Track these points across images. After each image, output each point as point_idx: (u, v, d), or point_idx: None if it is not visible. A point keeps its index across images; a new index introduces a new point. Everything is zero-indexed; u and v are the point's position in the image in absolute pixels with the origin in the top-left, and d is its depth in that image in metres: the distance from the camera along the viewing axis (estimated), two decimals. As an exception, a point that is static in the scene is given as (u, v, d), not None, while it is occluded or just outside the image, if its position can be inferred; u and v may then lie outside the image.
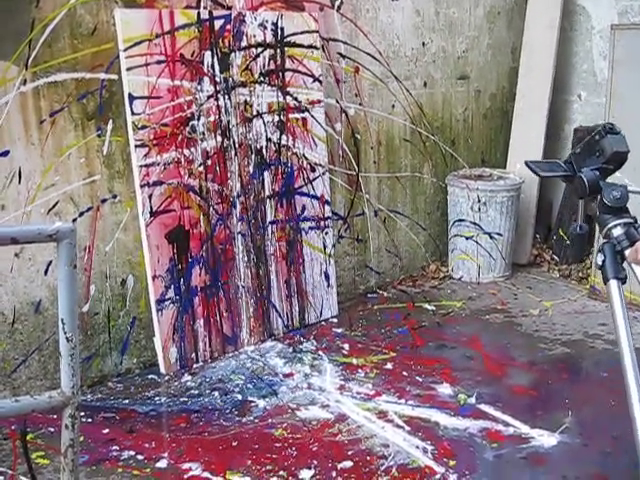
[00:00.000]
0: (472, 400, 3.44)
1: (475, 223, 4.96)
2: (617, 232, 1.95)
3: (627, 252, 1.94)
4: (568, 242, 5.19)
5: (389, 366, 3.80)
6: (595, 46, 5.26)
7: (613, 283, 1.94)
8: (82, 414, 3.19)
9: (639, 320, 4.31)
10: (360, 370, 3.75)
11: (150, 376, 3.70)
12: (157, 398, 3.48)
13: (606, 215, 1.96)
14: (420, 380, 3.64)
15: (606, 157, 1.97)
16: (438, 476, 2.86)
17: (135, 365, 3.75)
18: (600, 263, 1.99)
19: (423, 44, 4.88)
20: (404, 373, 3.72)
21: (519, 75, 5.43)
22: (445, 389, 3.55)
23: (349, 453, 3.01)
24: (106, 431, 3.18)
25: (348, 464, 2.94)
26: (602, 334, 4.17)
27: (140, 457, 2.98)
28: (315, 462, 2.95)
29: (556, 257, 5.33)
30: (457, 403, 3.42)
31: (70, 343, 1.67)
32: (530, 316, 4.46)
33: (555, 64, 5.24)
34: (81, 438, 2.93)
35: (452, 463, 2.94)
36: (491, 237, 4.97)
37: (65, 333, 1.66)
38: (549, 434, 3.15)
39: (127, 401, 3.45)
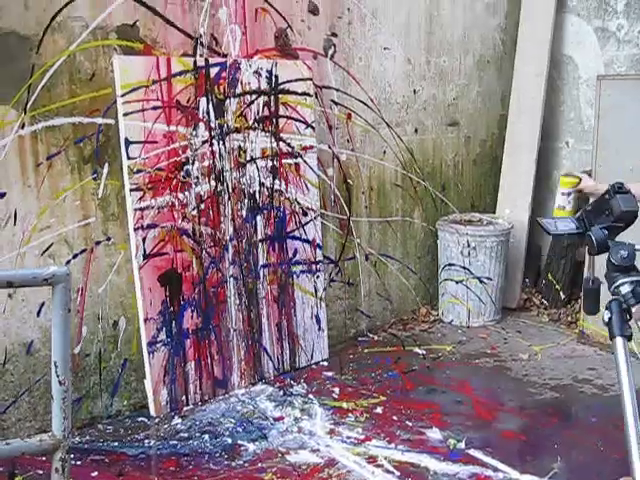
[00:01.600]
0: (462, 445, 3.44)
1: (465, 267, 5.01)
2: (624, 290, 1.99)
3: (634, 309, 1.98)
4: (557, 287, 5.24)
5: (379, 410, 3.80)
6: (582, 95, 5.38)
7: (619, 340, 1.97)
8: (71, 456, 3.18)
9: None
10: (350, 414, 3.76)
11: (140, 418, 3.69)
12: (147, 441, 3.48)
13: (614, 273, 2.01)
14: (410, 424, 3.65)
15: (615, 216, 2.03)
16: (427, 522, 2.85)
17: (125, 407, 3.75)
18: (607, 320, 2.03)
19: (414, 91, 4.98)
20: (394, 417, 3.73)
21: (508, 122, 5.54)
22: (435, 434, 3.56)
23: (339, 498, 3.01)
24: (95, 474, 3.16)
25: (338, 509, 2.94)
26: (591, 379, 4.20)
27: (129, 501, 2.97)
28: (304, 507, 2.95)
29: (545, 301, 5.37)
30: (447, 448, 3.43)
31: (62, 386, 1.70)
32: (520, 360, 4.48)
33: (543, 112, 5.35)
34: (70, 481, 2.92)
35: (441, 509, 2.94)
36: (481, 281, 5.01)
37: (58, 376, 1.69)
38: (538, 479, 3.15)
39: (116, 443, 3.44)
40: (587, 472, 3.21)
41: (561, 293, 5.27)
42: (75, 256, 3.47)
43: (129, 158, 3.51)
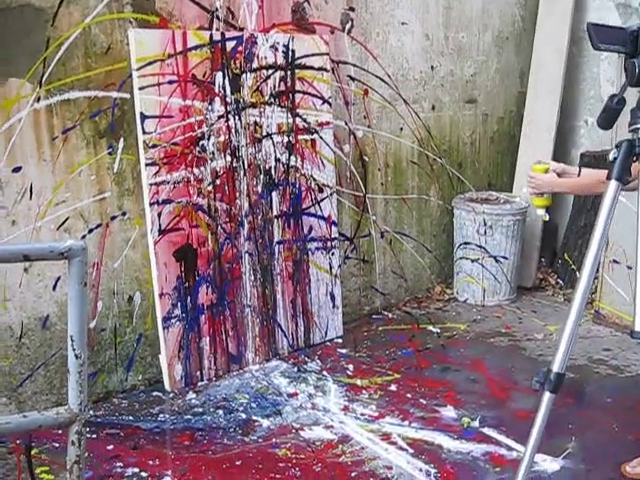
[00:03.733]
0: (476, 423, 3.43)
1: (481, 246, 4.97)
2: None
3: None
4: (573, 267, 5.20)
5: (393, 388, 3.80)
6: (602, 72, 5.30)
7: (613, 184, 1.89)
8: (87, 430, 3.20)
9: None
10: (364, 391, 3.76)
11: (155, 393, 3.71)
12: (161, 415, 3.49)
13: None
14: (424, 402, 3.65)
15: None
16: (441, 499, 2.86)
17: (140, 382, 3.76)
18: (612, 159, 1.94)
19: (432, 68, 4.93)
20: (408, 395, 3.72)
21: (527, 99, 5.47)
22: (449, 412, 3.55)
23: (352, 474, 3.02)
24: (110, 447, 3.19)
25: (351, 485, 2.95)
26: (606, 359, 4.17)
27: (144, 474, 2.99)
28: (318, 483, 2.96)
29: (561, 281, 5.33)
30: (461, 426, 3.42)
31: (79, 360, 1.69)
32: (534, 340, 4.46)
33: (563, 89, 5.27)
34: (85, 454, 2.94)
35: (455, 486, 2.95)
36: (496, 260, 4.98)
37: (74, 350, 1.68)
38: (552, 459, 3.14)
39: (132, 418, 3.46)
40: (601, 452, 3.20)
41: (577, 273, 5.23)
42: (90, 231, 3.47)
43: (145, 133, 3.49)
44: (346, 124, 4.46)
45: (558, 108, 5.27)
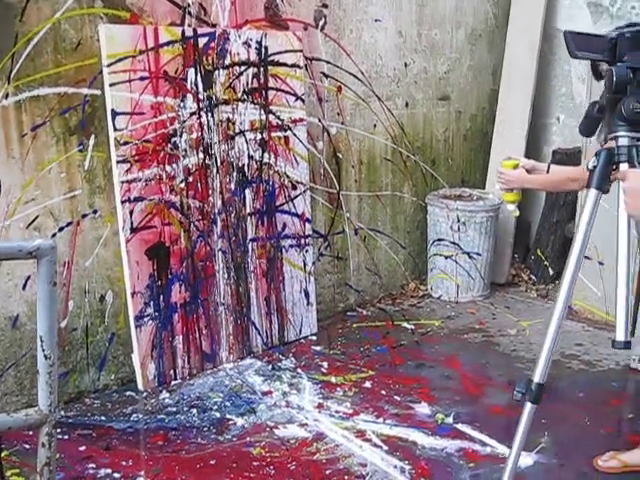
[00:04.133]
0: (450, 420, 3.44)
1: (454, 243, 4.99)
2: (621, 142, 1.85)
3: (622, 167, 1.86)
4: (546, 262, 5.25)
5: (368, 385, 3.80)
6: (574, 70, 5.35)
7: (592, 193, 1.90)
8: (58, 431, 3.16)
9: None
10: (339, 388, 3.75)
11: (128, 393, 3.67)
12: (134, 415, 3.46)
13: (620, 121, 1.85)
14: (398, 399, 3.65)
15: None
16: (415, 496, 2.86)
17: (113, 381, 3.72)
18: (591, 167, 1.93)
19: (405, 65, 4.93)
20: (382, 392, 3.72)
21: (499, 97, 5.50)
22: (423, 408, 3.56)
23: (327, 472, 3.01)
24: (82, 448, 3.15)
25: (326, 483, 2.94)
26: (578, 354, 4.21)
27: (117, 475, 2.96)
28: (293, 481, 2.95)
29: (534, 277, 5.37)
30: (435, 422, 3.43)
31: (48, 361, 1.67)
32: (508, 336, 4.49)
33: (535, 87, 5.31)
34: (57, 455, 2.90)
35: (429, 483, 2.95)
36: (470, 257, 5.00)
37: (43, 350, 1.66)
38: (526, 454, 3.15)
39: (104, 418, 3.42)
40: (574, 447, 3.22)
41: (550, 269, 5.27)
42: (61, 229, 3.43)
43: (116, 130, 3.45)
44: (320, 121, 4.44)
45: (530, 105, 5.31)
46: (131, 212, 3.55)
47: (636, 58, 1.80)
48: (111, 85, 3.41)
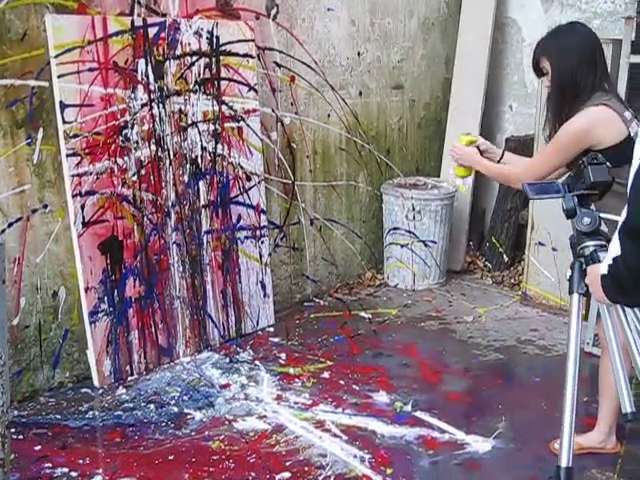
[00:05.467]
0: (408, 408, 3.47)
1: (410, 231, 5.02)
2: (587, 252, 2.16)
3: (588, 268, 2.14)
4: (500, 249, 5.31)
5: (326, 375, 3.80)
6: (525, 58, 5.39)
7: (575, 297, 2.18)
8: (12, 431, 3.10)
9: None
10: (297, 380, 3.75)
11: (83, 390, 3.61)
12: (91, 412, 3.41)
13: (582, 236, 2.19)
14: (357, 389, 3.66)
15: (587, 185, 2.18)
16: (375, 485, 2.87)
17: (68, 379, 3.66)
18: (568, 277, 2.24)
19: (358, 54, 4.92)
20: (341, 382, 3.73)
21: (452, 85, 5.53)
22: (382, 397, 3.58)
23: (287, 464, 3.01)
24: (38, 448, 3.09)
25: (286, 475, 2.93)
26: (534, 340, 4.27)
27: (74, 474, 2.91)
28: (253, 474, 2.94)
29: (489, 264, 5.43)
30: (394, 411, 3.45)
31: (-1, 360, 1.63)
32: (464, 323, 4.53)
33: (487, 75, 5.35)
34: (12, 456, 2.85)
35: (389, 471, 2.96)
36: (426, 245, 5.03)
37: (-7, 350, 1.62)
38: (484, 440, 3.20)
39: (59, 416, 3.37)
40: (531, 431, 3.27)
41: (504, 256, 5.33)
42: (10, 225, 3.34)
43: (65, 122, 3.38)
44: (273, 111, 4.41)
45: (483, 94, 5.35)
46: (82, 206, 3.48)
47: (579, 187, 2.21)
48: (59, 76, 3.34)
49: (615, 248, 1.89)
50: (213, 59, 3.95)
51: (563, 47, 2.82)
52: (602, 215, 2.23)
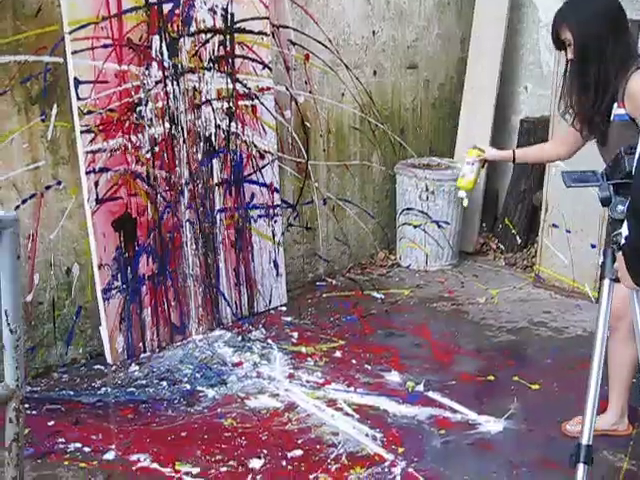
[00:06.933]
0: (420, 387, 3.47)
1: (423, 212, 5.00)
2: (619, 239, 2.12)
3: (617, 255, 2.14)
4: (514, 231, 5.28)
5: (338, 354, 3.81)
6: (542, 39, 5.33)
7: (606, 282, 2.22)
8: (26, 406, 3.12)
9: (582, 308, 4.41)
10: (309, 358, 3.76)
11: (96, 366, 3.63)
12: (104, 389, 3.43)
13: (615, 223, 2.20)
14: (369, 368, 3.66)
15: (623, 174, 2.17)
16: (387, 463, 2.88)
17: (81, 355, 3.68)
18: (600, 263, 2.29)
19: (373, 33, 4.88)
20: (353, 361, 3.74)
21: (467, 66, 5.47)
22: (394, 377, 3.58)
23: (299, 442, 3.02)
24: (51, 423, 3.12)
25: (298, 453, 2.95)
26: (546, 322, 4.26)
27: (87, 449, 2.94)
28: (265, 451, 2.95)
29: (502, 246, 5.40)
30: (406, 391, 3.45)
31: (14, 335, 1.64)
32: (477, 304, 4.52)
33: (503, 55, 5.29)
34: (26, 431, 2.87)
35: (401, 450, 2.97)
36: (439, 226, 5.01)
37: (9, 325, 1.63)
38: (495, 420, 3.20)
39: (73, 392, 3.39)
40: (543, 412, 3.27)
41: (517, 237, 5.30)
42: (24, 201, 3.35)
43: (79, 99, 3.37)
44: (287, 89, 4.39)
45: (498, 74, 5.30)
46: (96, 183, 3.48)
47: (616, 177, 2.21)
48: (73, 53, 3.33)
49: (624, 228, 1.89)
50: (227, 36, 3.92)
51: (586, 13, 2.73)
52: None
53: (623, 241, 1.91)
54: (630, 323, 2.26)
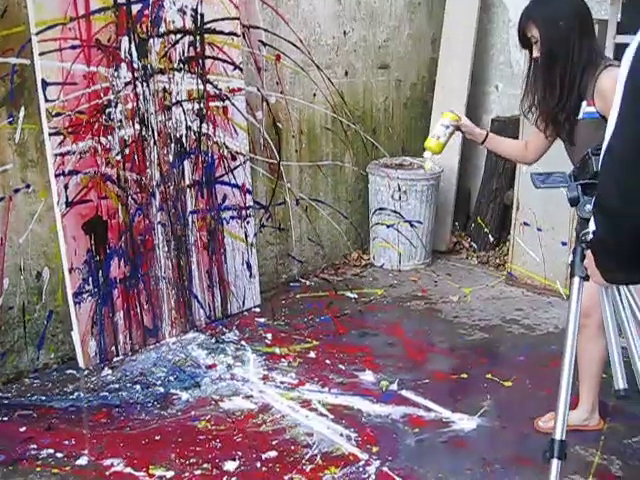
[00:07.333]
0: (394, 387, 3.48)
1: (396, 211, 5.01)
2: (588, 237, 2.14)
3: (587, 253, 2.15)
4: (486, 230, 5.31)
5: (312, 355, 3.81)
6: (512, 38, 5.37)
7: (576, 280, 2.22)
8: (-4, 412, 3.09)
9: (553, 305, 4.45)
10: (283, 359, 3.75)
11: (68, 371, 3.60)
12: (76, 393, 3.39)
13: (583, 222, 2.20)
14: (343, 368, 3.67)
15: (591, 174, 2.19)
16: (362, 462, 2.88)
17: (53, 360, 3.64)
18: (570, 262, 2.27)
19: (344, 33, 4.89)
20: (327, 361, 3.74)
21: (438, 65, 5.50)
22: (368, 376, 3.59)
23: (273, 443, 3.01)
24: (23, 429, 3.08)
25: (273, 454, 2.94)
26: (519, 319, 4.29)
27: (59, 455, 2.90)
28: (239, 453, 2.94)
29: (474, 244, 5.44)
30: (380, 390, 3.46)
31: (-19, 340, 1.61)
32: (450, 302, 4.54)
33: (473, 55, 5.33)
34: (-5, 437, 2.84)
35: (375, 449, 2.98)
36: (411, 225, 5.03)
37: (-24, 330, 1.60)
38: (469, 418, 3.22)
39: (44, 397, 3.35)
40: (515, 409, 3.30)
41: (490, 236, 5.34)
42: (-8, 205, 3.31)
43: (47, 100, 3.33)
44: (258, 90, 4.38)
45: (469, 74, 5.33)
46: (66, 186, 3.45)
47: (584, 177, 2.22)
48: (41, 54, 3.29)
49: (592, 225, 1.92)
50: (197, 37, 3.91)
51: (553, 11, 2.74)
52: None
53: (591, 236, 1.94)
54: (599, 320, 2.28)
